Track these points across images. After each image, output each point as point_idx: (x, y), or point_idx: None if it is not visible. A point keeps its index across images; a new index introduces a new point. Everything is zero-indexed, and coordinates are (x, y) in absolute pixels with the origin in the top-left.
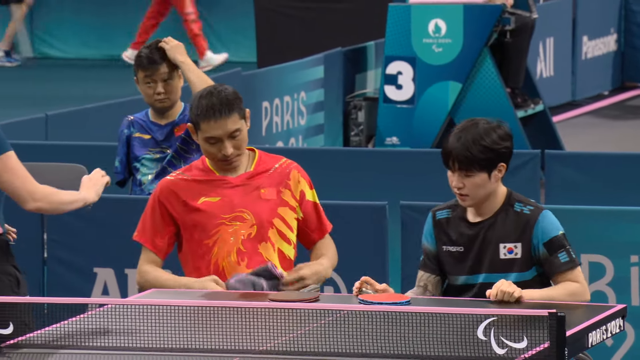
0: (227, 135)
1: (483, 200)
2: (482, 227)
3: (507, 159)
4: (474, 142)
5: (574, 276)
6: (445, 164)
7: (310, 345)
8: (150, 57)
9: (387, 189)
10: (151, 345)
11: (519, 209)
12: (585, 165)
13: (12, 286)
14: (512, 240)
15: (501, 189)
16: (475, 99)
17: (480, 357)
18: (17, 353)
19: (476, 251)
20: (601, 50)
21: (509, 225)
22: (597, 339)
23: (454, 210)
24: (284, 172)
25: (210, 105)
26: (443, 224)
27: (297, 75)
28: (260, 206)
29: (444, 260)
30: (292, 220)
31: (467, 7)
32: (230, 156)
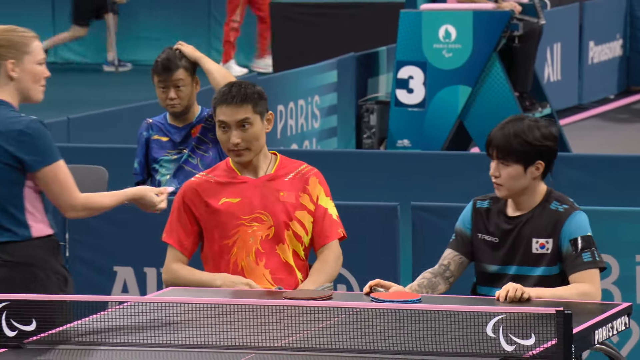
0: (235, 122)
1: (518, 194)
2: (518, 222)
3: (547, 158)
4: (515, 135)
5: (589, 277)
6: (487, 151)
7: (323, 342)
8: (164, 63)
9: (398, 190)
10: (169, 341)
11: (554, 207)
12: (591, 167)
13: (60, 285)
14: (544, 236)
15: (541, 187)
16: (485, 102)
17: (489, 354)
18: (40, 349)
19: (510, 244)
20: (607, 55)
21: (543, 221)
22: (603, 336)
23: (495, 202)
24: (304, 177)
25: (228, 92)
26: (482, 213)
27: (311, 79)
28: (278, 209)
29: (478, 247)
30: (308, 224)
31: (476, 13)
32: (237, 146)
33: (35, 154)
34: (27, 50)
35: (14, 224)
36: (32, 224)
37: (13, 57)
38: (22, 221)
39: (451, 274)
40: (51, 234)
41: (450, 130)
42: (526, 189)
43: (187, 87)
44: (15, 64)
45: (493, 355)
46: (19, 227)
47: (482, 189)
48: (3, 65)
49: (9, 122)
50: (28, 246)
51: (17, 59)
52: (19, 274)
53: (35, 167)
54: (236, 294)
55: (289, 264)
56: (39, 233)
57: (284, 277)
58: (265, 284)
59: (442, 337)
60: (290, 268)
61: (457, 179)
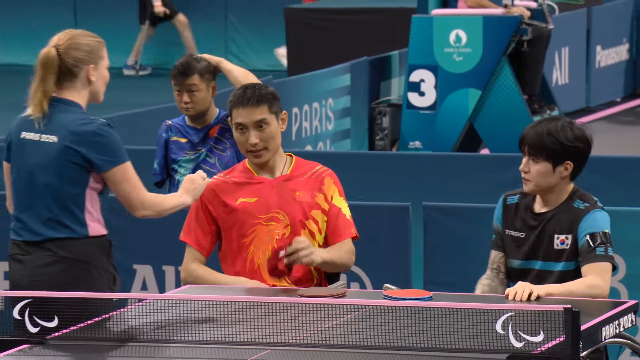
0: (252, 123)
1: (545, 191)
2: (543, 219)
3: (576, 160)
4: (548, 133)
5: (599, 269)
6: (519, 148)
7: (337, 338)
8: (180, 68)
9: (410, 191)
10: (187, 338)
11: (577, 205)
12: (599, 168)
13: (109, 283)
14: (565, 232)
15: (568, 186)
16: (494, 105)
17: (498, 350)
18: (62, 345)
19: (533, 239)
20: (614, 59)
21: (565, 218)
22: (610, 333)
23: (523, 197)
24: (320, 177)
25: (243, 94)
26: (511, 209)
27: (325, 82)
28: (294, 208)
29: (506, 242)
30: (322, 223)
31: (486, 18)
32: (256, 146)
33: (106, 155)
34: (102, 55)
35: (73, 221)
36: (90, 223)
37: (93, 62)
38: (81, 220)
39: (504, 275)
40: (105, 234)
41: (460, 132)
42: (554, 187)
43: (201, 92)
44: (94, 69)
45: (502, 352)
46: (77, 225)
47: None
48: (84, 69)
49: (81, 123)
50: (84, 244)
51: (96, 63)
52: (72, 271)
53: (106, 167)
54: (252, 291)
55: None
56: (95, 232)
57: (300, 274)
58: (281, 282)
59: (453, 334)
60: (306, 266)
61: (468, 180)
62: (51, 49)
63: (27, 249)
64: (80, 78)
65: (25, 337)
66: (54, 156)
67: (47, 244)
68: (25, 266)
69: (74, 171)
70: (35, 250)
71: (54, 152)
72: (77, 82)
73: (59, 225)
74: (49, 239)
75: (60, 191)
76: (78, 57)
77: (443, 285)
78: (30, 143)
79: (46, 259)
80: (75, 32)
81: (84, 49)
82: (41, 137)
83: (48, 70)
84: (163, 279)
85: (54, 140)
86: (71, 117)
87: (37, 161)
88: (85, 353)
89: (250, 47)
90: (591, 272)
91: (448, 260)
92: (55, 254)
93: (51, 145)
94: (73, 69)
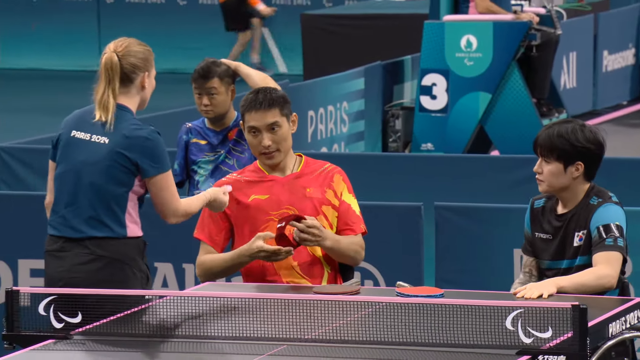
0: (265, 126)
1: (559, 191)
2: (565, 219)
3: (587, 160)
4: (559, 135)
5: (607, 258)
6: (534, 150)
7: (351, 334)
8: (201, 72)
9: (422, 191)
10: (206, 333)
11: (593, 202)
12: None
13: (142, 282)
14: (582, 229)
15: (584, 186)
16: (504, 108)
17: (508, 346)
18: (86, 340)
19: (559, 240)
20: (620, 63)
21: (583, 215)
22: (617, 330)
23: (548, 200)
24: (329, 175)
25: (254, 99)
26: (538, 212)
27: (340, 86)
28: (305, 204)
29: (537, 245)
30: (333, 218)
31: (496, 24)
32: (269, 148)
33: (153, 161)
34: (153, 64)
35: (114, 221)
36: (129, 224)
37: (147, 70)
38: (122, 220)
39: (536, 277)
40: (141, 235)
41: (471, 134)
42: (567, 188)
43: (220, 95)
44: (147, 76)
45: (512, 348)
46: (117, 226)
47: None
48: (139, 76)
49: (134, 128)
50: (122, 244)
51: (149, 71)
52: (109, 269)
53: (151, 174)
54: (269, 289)
55: (316, 256)
56: (132, 233)
57: (311, 269)
58: (294, 276)
59: (464, 330)
60: (317, 261)
61: (478, 180)
62: (112, 54)
63: (66, 246)
64: (135, 84)
65: (50, 332)
66: (103, 157)
67: (86, 242)
68: (63, 263)
69: (120, 173)
70: (74, 248)
71: (103, 153)
72: (132, 88)
73: (100, 224)
74: (88, 237)
75: (105, 191)
76: (135, 64)
77: (454, 283)
78: (81, 142)
79: (84, 257)
80: (129, 40)
81: (140, 56)
82: (92, 137)
83: (113, 74)
84: (183, 276)
85: (104, 142)
86: (124, 121)
87: (85, 160)
88: (108, 348)
89: (267, 52)
90: (600, 261)
91: (459, 259)
92: (94, 253)
93: (101, 146)
94: (131, 75)
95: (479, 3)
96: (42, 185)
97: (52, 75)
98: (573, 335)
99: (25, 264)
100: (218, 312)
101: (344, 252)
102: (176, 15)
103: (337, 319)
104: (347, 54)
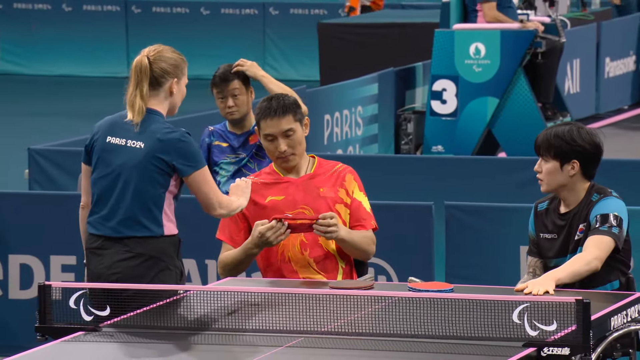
0: (280, 133)
1: (558, 190)
2: (568, 218)
3: (582, 158)
4: (555, 135)
5: (597, 242)
6: (535, 151)
7: (365, 327)
8: (221, 76)
9: (433, 191)
10: (227, 325)
11: (594, 198)
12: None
13: (177, 278)
14: (582, 222)
15: (584, 184)
16: (511, 112)
17: (514, 338)
18: (114, 332)
19: (563, 237)
20: (622, 70)
21: (585, 211)
22: (619, 323)
23: (551, 202)
24: (341, 174)
25: (269, 107)
26: (542, 215)
27: (355, 91)
28: (319, 203)
29: (541, 244)
30: (345, 216)
31: (503, 32)
32: (285, 153)
33: (188, 160)
34: (185, 72)
35: (151, 221)
36: (166, 223)
37: (176, 76)
38: (159, 220)
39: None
40: (176, 233)
41: (479, 137)
42: (565, 186)
43: (242, 95)
44: (177, 82)
45: (518, 340)
46: (154, 225)
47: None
48: (168, 82)
49: (166, 132)
50: (159, 242)
51: (179, 78)
52: (146, 265)
53: (189, 172)
54: (287, 284)
55: (330, 253)
56: (169, 232)
57: (326, 264)
58: (310, 272)
59: (473, 323)
60: (332, 256)
61: (486, 181)
62: (143, 57)
63: (106, 244)
64: (164, 89)
65: (80, 325)
66: (139, 161)
67: (125, 241)
68: (103, 260)
69: (158, 175)
70: (113, 246)
71: (140, 157)
72: (161, 93)
73: (138, 224)
74: (127, 237)
75: (143, 193)
76: (165, 69)
77: (463, 279)
78: (117, 147)
79: (123, 254)
80: (163, 47)
81: (170, 62)
82: (127, 142)
83: (142, 76)
84: (206, 271)
85: (140, 146)
86: (156, 125)
87: (123, 164)
88: (135, 339)
89: (285, 59)
90: (590, 245)
91: (468, 255)
92: (132, 250)
93: (138, 150)
94: (160, 79)
95: (487, 12)
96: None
97: (82, 82)
98: (577, 328)
99: (56, 259)
100: (239, 306)
101: (357, 244)
102: (199, 24)
103: (352, 313)
104: (361, 60)
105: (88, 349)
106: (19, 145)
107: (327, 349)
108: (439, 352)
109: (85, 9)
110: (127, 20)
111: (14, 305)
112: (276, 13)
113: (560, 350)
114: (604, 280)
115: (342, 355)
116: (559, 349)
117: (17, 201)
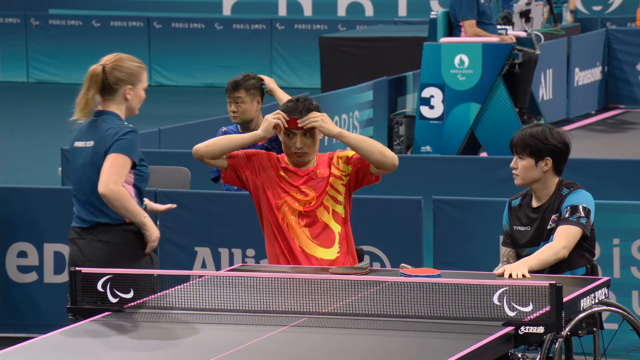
0: (301, 132)
1: (531, 183)
2: (540, 211)
3: (555, 156)
4: (530, 135)
5: (565, 232)
6: (510, 149)
7: (362, 308)
8: (232, 84)
9: (422, 187)
10: (238, 307)
11: (564, 192)
12: (577, 167)
13: (147, 262)
14: (555, 213)
15: (554, 179)
16: (491, 116)
17: (495, 318)
18: (137, 312)
19: (535, 229)
20: (589, 79)
21: (556, 204)
22: (587, 304)
23: (523, 198)
24: (330, 155)
25: (295, 107)
26: (516, 210)
27: (352, 98)
28: (318, 183)
29: (516, 236)
30: (339, 186)
31: (485, 45)
32: (301, 150)
33: (115, 144)
34: (141, 79)
35: (110, 209)
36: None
37: (131, 83)
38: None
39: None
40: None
41: (463, 138)
42: (538, 180)
43: (245, 104)
44: (131, 89)
45: (498, 320)
46: (114, 213)
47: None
48: (122, 88)
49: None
50: (123, 229)
51: (134, 84)
52: (115, 252)
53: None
54: (292, 270)
55: (325, 223)
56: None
57: (319, 233)
58: (304, 240)
59: (458, 305)
60: (326, 226)
61: (470, 178)
62: (99, 66)
63: (81, 234)
64: (119, 94)
65: (107, 306)
66: (91, 156)
67: (93, 230)
68: (79, 248)
69: None
70: (86, 235)
71: (92, 153)
72: (117, 97)
73: (97, 210)
74: (93, 226)
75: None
76: (119, 77)
77: (450, 265)
78: (79, 149)
79: (95, 243)
80: (121, 56)
81: (125, 71)
82: (86, 143)
83: (92, 83)
84: (219, 259)
85: (91, 145)
86: (106, 123)
87: (83, 163)
88: (156, 319)
89: (290, 68)
90: (559, 234)
91: (453, 244)
92: (100, 240)
93: (90, 148)
94: (114, 86)
95: (467, 29)
96: None
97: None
98: (550, 309)
99: None
100: (249, 290)
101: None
102: (213, 38)
103: (350, 296)
104: (358, 70)
105: (114, 327)
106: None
107: (328, 327)
108: (428, 330)
109: (112, 24)
110: (149, 35)
111: (49, 288)
112: (282, 28)
113: (535, 329)
114: (572, 266)
115: (341, 333)
116: (534, 327)
117: (51, 196)
